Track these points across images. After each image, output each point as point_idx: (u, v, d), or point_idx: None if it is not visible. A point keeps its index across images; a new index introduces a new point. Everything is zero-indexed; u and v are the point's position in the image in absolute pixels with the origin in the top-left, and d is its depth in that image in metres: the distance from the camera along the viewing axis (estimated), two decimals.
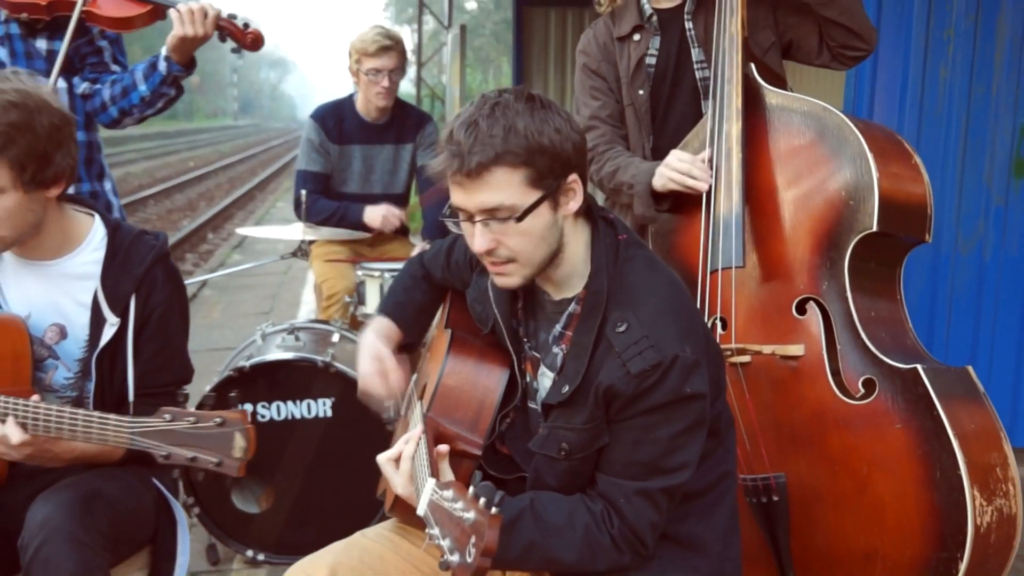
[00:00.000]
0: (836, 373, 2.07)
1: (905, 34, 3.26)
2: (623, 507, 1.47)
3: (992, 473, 1.96)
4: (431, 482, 1.31)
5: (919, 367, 1.99)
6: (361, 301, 3.38)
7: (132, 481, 1.93)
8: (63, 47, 2.52)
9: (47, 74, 2.57)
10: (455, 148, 1.44)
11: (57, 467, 1.86)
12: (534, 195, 1.45)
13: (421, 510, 1.30)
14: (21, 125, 1.75)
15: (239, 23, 2.60)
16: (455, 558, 1.22)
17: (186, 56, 2.58)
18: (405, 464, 1.49)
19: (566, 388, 1.50)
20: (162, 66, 2.58)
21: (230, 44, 2.63)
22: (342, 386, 2.87)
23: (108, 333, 1.93)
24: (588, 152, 2.34)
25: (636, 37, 2.47)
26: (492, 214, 1.45)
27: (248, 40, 2.61)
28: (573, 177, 1.49)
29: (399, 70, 3.62)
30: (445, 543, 1.24)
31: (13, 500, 1.85)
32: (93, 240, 1.98)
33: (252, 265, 4.30)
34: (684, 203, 2.31)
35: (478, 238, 1.47)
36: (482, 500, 1.24)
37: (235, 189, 16.70)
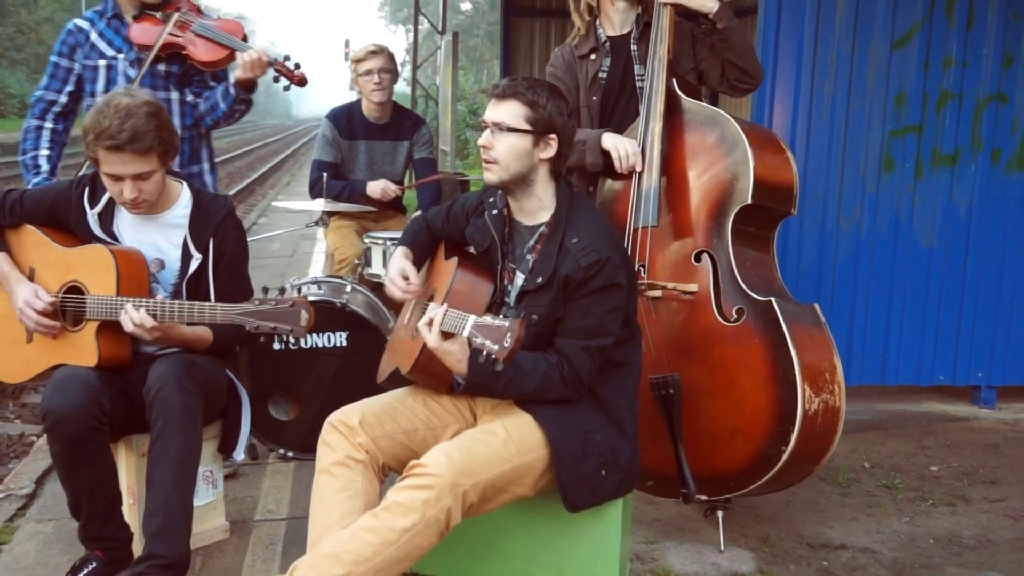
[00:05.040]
0: (719, 305, 2.56)
1: (797, 58, 3.65)
2: (572, 358, 2.11)
3: (822, 376, 2.46)
4: (472, 316, 1.89)
5: (773, 299, 2.48)
6: (367, 263, 3.79)
7: (213, 364, 2.48)
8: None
9: (166, 88, 3.12)
10: (498, 84, 2.21)
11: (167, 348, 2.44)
12: (524, 126, 2.15)
13: (467, 332, 1.87)
14: (160, 126, 2.31)
15: (290, 65, 3.12)
16: (496, 347, 1.82)
17: (248, 85, 3.08)
18: (436, 326, 1.99)
19: (540, 279, 2.16)
20: (232, 91, 3.07)
21: (283, 82, 3.14)
22: (355, 323, 3.29)
23: (193, 265, 2.49)
24: None
25: (592, 57, 2.93)
26: (498, 125, 2.15)
27: (296, 79, 3.12)
28: (553, 136, 2.17)
29: (388, 71, 4.00)
30: (487, 342, 1.84)
31: (134, 376, 2.41)
32: (183, 200, 2.53)
33: (279, 233, 4.85)
34: (621, 181, 2.82)
35: (485, 136, 2.17)
36: (511, 316, 1.89)
37: (234, 184, 15.90)
